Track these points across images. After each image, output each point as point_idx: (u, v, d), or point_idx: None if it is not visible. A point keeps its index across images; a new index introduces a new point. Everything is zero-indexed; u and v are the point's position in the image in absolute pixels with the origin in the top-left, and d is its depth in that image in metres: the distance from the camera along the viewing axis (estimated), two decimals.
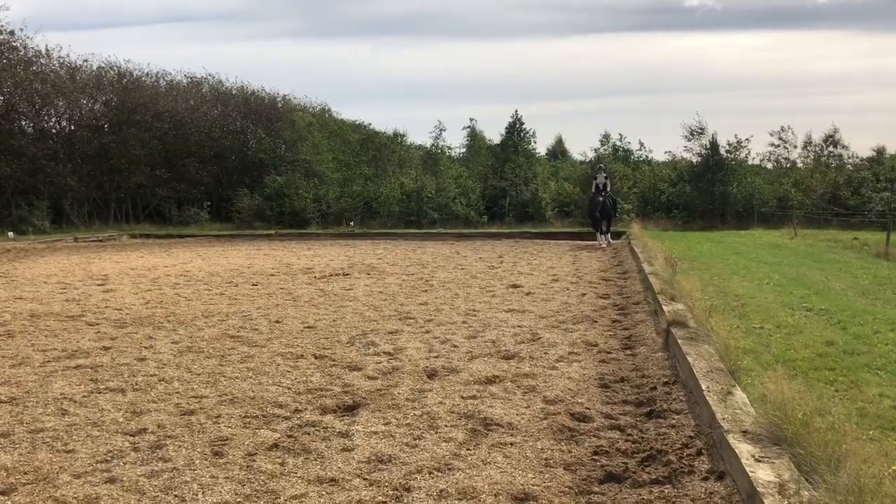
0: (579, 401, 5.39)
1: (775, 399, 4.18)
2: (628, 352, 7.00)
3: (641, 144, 37.57)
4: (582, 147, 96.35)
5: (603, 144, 35.01)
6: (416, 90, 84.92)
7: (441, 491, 3.83)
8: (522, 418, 5.00)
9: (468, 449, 4.44)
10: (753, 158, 32.62)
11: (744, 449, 3.82)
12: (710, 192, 29.71)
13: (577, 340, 7.49)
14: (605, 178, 21.75)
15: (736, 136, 31.75)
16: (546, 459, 4.28)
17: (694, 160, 31.30)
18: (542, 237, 24.02)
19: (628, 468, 4.13)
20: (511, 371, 6.24)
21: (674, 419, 4.87)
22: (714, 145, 30.49)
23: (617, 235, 22.48)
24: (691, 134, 30.94)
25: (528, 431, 4.75)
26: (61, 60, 31.43)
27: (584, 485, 3.95)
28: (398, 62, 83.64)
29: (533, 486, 3.91)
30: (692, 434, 4.53)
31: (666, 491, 3.82)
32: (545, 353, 6.90)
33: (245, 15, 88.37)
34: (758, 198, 29.67)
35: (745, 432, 4.07)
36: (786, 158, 33.90)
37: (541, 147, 43.75)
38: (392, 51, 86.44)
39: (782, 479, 3.43)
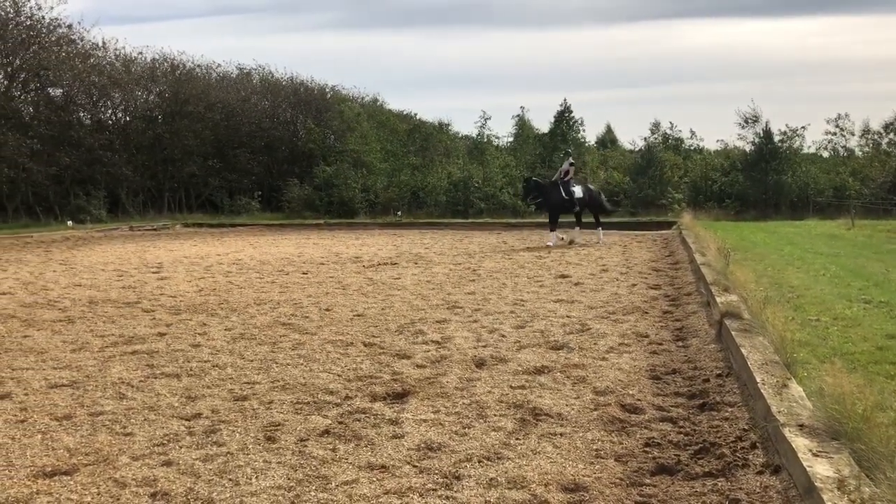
0: (630, 392, 5.33)
1: (833, 393, 4.08)
2: (680, 343, 6.90)
3: (693, 133, 37.04)
4: (632, 135, 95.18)
5: (653, 133, 34.51)
6: (463, 79, 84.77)
7: (491, 480, 3.83)
8: (572, 409, 4.97)
9: (517, 438, 4.43)
10: (809, 147, 31.87)
11: (801, 443, 3.73)
12: (763, 181, 29.07)
13: (627, 331, 7.41)
14: (571, 164, 18.93)
15: (788, 125, 31.03)
16: (596, 450, 4.25)
17: (747, 149, 30.67)
18: (591, 226, 23.78)
19: (681, 461, 4.08)
20: (560, 361, 6.20)
21: (727, 412, 4.79)
22: (768, 133, 29.81)
23: (668, 225, 22.16)
24: (745, 121, 30.31)
25: (578, 422, 4.72)
26: (117, 53, 32.22)
27: (635, 476, 3.91)
28: (445, 51, 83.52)
29: (583, 476, 3.88)
30: (746, 427, 4.44)
31: (719, 484, 3.76)
32: (595, 344, 6.84)
33: (294, 6, 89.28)
34: (813, 187, 28.93)
35: (801, 426, 3.97)
36: (843, 146, 33.01)
37: (590, 135, 43.39)
38: (439, 40, 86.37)
39: (841, 474, 3.34)
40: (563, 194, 17.92)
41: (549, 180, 19.36)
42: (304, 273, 12.68)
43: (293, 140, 36.22)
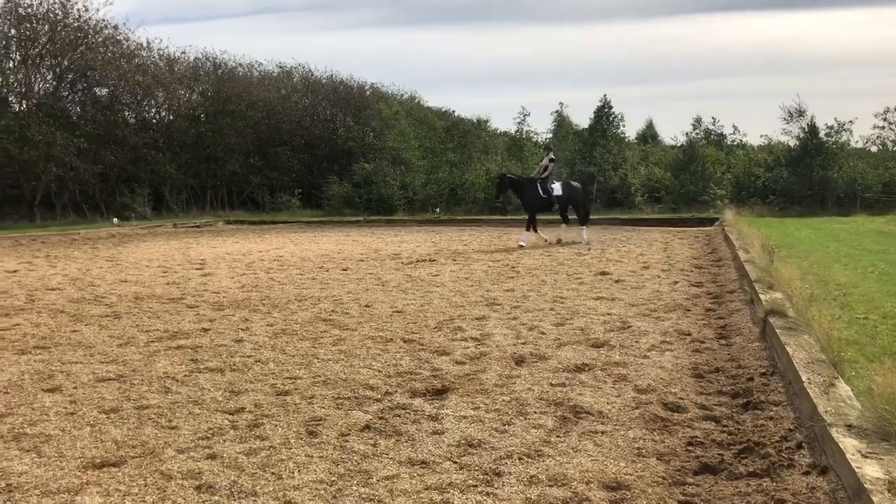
0: (672, 390, 5.27)
1: (883, 392, 3.98)
2: (723, 341, 6.80)
3: (735, 128, 36.39)
4: (674, 131, 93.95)
5: (695, 128, 34.02)
6: (501, 76, 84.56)
7: (531, 477, 3.82)
8: (613, 407, 4.93)
9: (558, 436, 4.42)
10: (856, 142, 31.11)
11: (849, 444, 3.66)
12: (808, 176, 28.50)
13: (669, 329, 7.33)
14: (551, 161, 17.71)
15: (837, 119, 30.30)
16: (638, 449, 4.22)
17: (792, 144, 30.09)
18: (632, 223, 23.60)
19: (724, 460, 4.02)
20: (601, 359, 6.16)
21: (772, 411, 4.71)
22: (813, 128, 29.21)
23: (710, 222, 21.86)
24: (789, 116, 29.73)
25: (620, 420, 4.68)
26: (161, 53, 32.80)
27: (678, 475, 3.87)
28: (484, 48, 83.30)
29: (625, 475, 3.85)
30: (791, 427, 4.37)
31: (764, 484, 3.70)
32: (636, 342, 6.78)
33: (334, 5, 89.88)
34: (861, 183, 28.26)
35: (849, 426, 3.89)
36: (893, 141, 32.13)
37: (630, 131, 42.93)
38: (478, 37, 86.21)
39: (892, 476, 3.27)
40: (541, 192, 17.04)
41: (527, 177, 18.59)
42: (343, 270, 12.78)
43: (333, 138, 36.51)
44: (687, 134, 33.08)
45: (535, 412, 4.84)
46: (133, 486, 3.78)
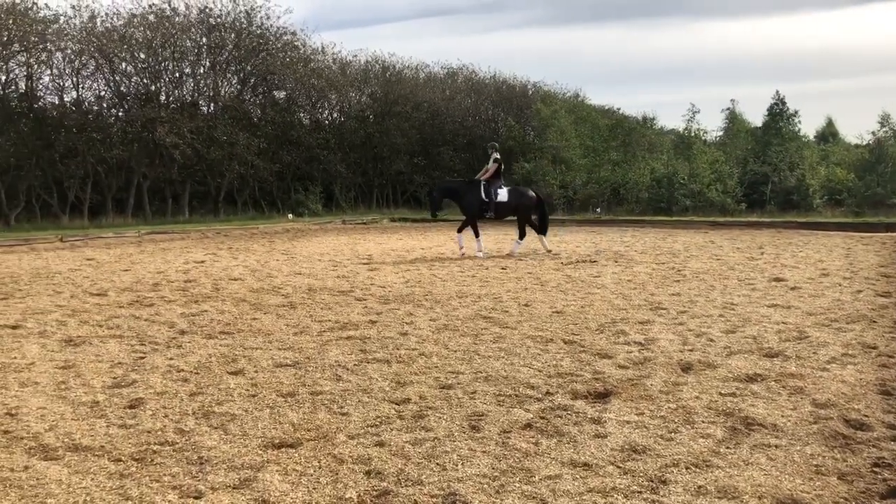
0: (855, 407, 4.91)
1: None
2: None
3: None
4: (857, 129, 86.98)
5: (882, 125, 31.34)
6: (669, 73, 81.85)
7: (699, 487, 3.70)
8: (788, 420, 4.67)
9: (728, 447, 4.24)
10: None
11: None
12: None
13: (851, 341, 6.82)
14: (496, 161, 15.30)
15: None
16: (816, 466, 3.96)
17: None
18: (809, 227, 22.09)
19: None
20: (775, 370, 5.84)
21: None
22: None
23: None
24: None
25: (796, 435, 4.42)
26: (334, 56, 34.40)
27: (862, 498, 3.60)
28: (650, 44, 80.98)
29: (802, 492, 3.64)
30: None
31: None
32: (814, 353, 6.36)
33: (498, 5, 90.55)
34: None
35: None
36: None
37: (808, 129, 40.31)
38: (644, 33, 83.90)
39: None
40: (483, 196, 14.91)
41: (467, 179, 16.40)
42: (502, 268, 12.87)
43: (494, 137, 36.78)
44: (873, 132, 30.58)
45: (702, 421, 4.66)
46: (308, 468, 4.02)
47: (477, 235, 15.35)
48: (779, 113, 30.94)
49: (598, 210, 29.21)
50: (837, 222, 22.71)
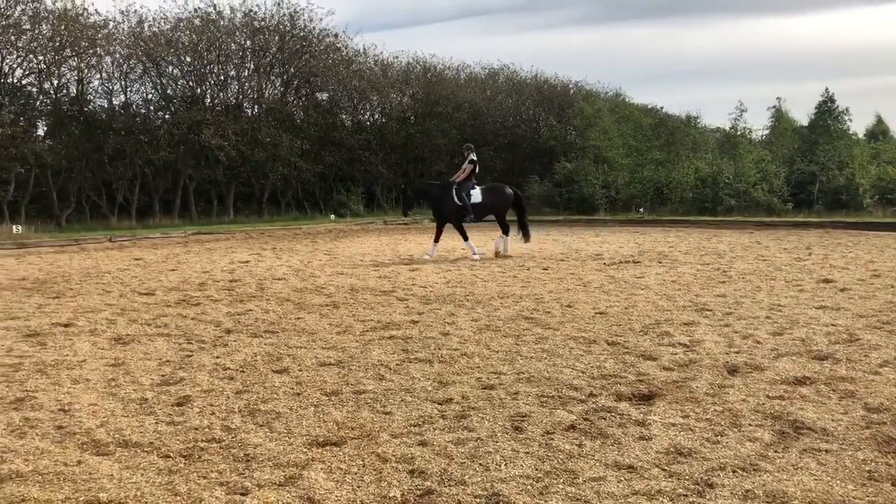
0: None
1: None
2: None
3: None
4: None
5: None
6: (713, 71, 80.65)
7: (747, 491, 3.63)
8: (839, 425, 4.56)
9: (776, 451, 4.16)
10: None
11: None
12: None
13: None
14: (471, 162, 15.36)
15: None
16: (869, 472, 3.87)
17: None
18: (859, 227, 21.59)
19: None
20: (824, 373, 5.71)
21: None
22: None
23: None
24: None
25: (847, 439, 4.32)
26: (376, 58, 34.61)
27: None
28: (694, 42, 79.89)
29: (854, 499, 3.55)
30: None
31: None
32: (866, 356, 6.21)
33: (538, 5, 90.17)
34: None
35: None
36: None
37: (858, 127, 39.36)
38: (688, 30, 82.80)
39: None
40: (456, 199, 14.83)
41: (442, 182, 16.15)
42: (544, 269, 12.81)
43: (535, 137, 36.71)
44: None
45: (750, 424, 4.58)
46: (353, 466, 4.05)
47: (436, 240, 15.44)
48: (827, 111, 30.29)
49: (641, 210, 28.91)
50: (889, 222, 22.12)
